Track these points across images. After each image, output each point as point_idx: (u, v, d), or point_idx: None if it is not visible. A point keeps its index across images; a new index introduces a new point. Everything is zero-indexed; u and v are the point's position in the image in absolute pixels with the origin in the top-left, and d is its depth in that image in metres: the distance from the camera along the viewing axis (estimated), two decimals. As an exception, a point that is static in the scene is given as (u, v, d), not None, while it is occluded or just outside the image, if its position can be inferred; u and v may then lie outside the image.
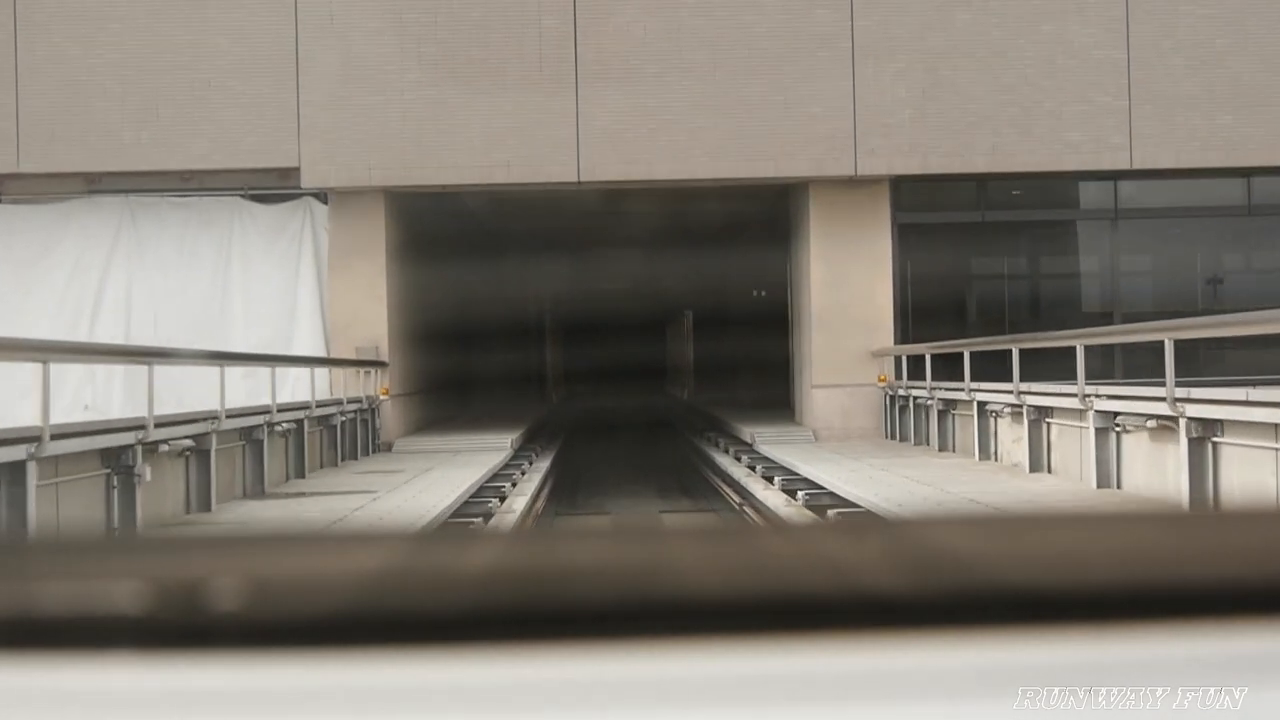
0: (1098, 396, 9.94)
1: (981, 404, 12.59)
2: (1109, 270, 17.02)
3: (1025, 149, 16.05)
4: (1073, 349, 10.13)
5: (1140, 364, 14.86)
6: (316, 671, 0.80)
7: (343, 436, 14.35)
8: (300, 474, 11.96)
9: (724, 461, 15.49)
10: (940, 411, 13.78)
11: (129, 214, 16.93)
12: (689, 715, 0.78)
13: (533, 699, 0.78)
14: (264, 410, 11.34)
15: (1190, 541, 0.89)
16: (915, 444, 14.79)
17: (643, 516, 12.55)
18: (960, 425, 13.39)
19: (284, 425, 11.71)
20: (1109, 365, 15.10)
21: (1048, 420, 11.32)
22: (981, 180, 17.16)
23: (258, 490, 10.89)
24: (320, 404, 13.36)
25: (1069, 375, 10.33)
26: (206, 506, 9.55)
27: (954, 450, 13.43)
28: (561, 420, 26.85)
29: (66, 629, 0.81)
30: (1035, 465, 11.31)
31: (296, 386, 16.02)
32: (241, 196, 17.11)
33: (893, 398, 16.26)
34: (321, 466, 12.98)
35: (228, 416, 10.10)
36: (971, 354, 12.97)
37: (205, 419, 9.76)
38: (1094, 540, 0.88)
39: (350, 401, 14.69)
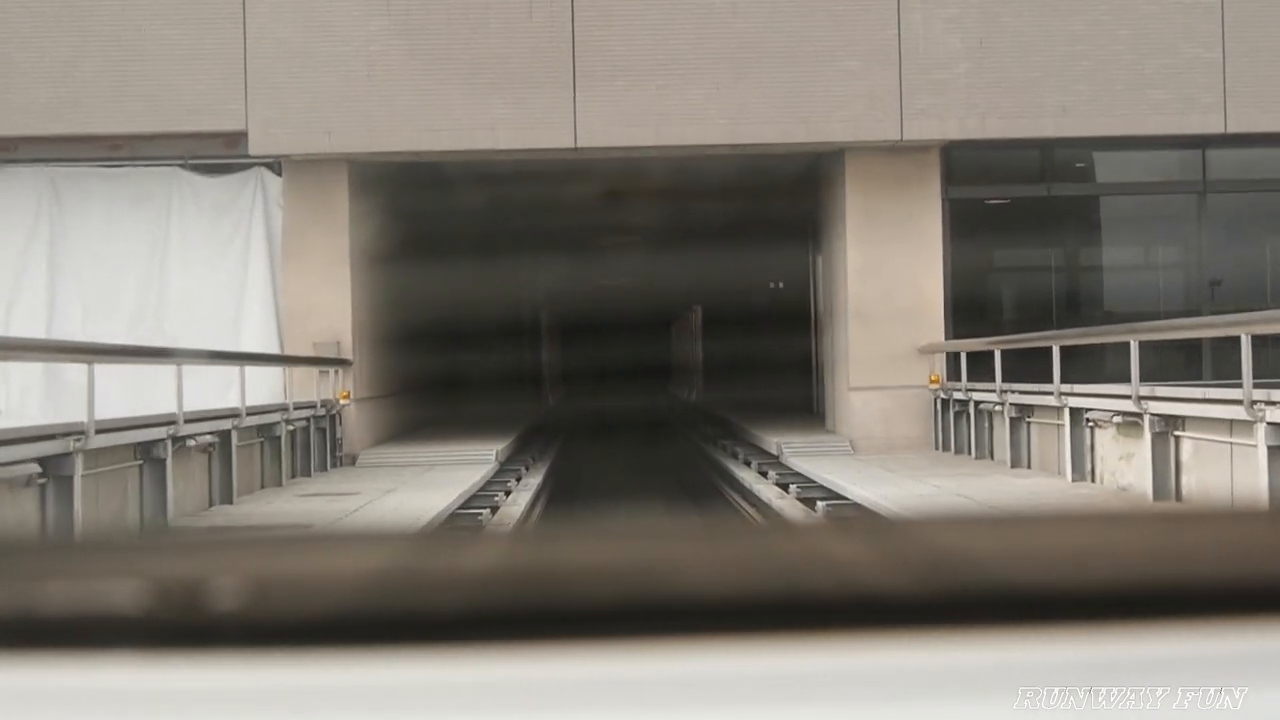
0: (1271, 403, 8.63)
1: (1075, 411, 12.01)
2: (1195, 255, 17.00)
3: (1100, 109, 16.32)
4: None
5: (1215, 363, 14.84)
6: (317, 671, 0.92)
7: (292, 449, 14.28)
8: (228, 498, 11.71)
9: (746, 478, 15.56)
10: (1013, 419, 13.57)
11: (50, 187, 17.05)
12: (689, 715, 0.90)
13: (533, 698, 0.90)
14: (166, 420, 10.46)
15: (1190, 541, 1.02)
16: (976, 457, 15.01)
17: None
18: (1040, 436, 13.28)
19: (199, 439, 11.08)
20: (1163, 364, 14.94)
21: (1176, 434, 10.39)
22: (1047, 147, 17.20)
23: (159, 524, 10.22)
24: (255, 411, 12.87)
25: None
26: (71, 548, 8.65)
27: (1030, 466, 13.31)
28: (558, 425, 27.47)
29: (67, 629, 0.93)
30: (1160, 491, 10.50)
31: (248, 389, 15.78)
32: (181, 167, 17.24)
33: (945, 401, 16.35)
34: (263, 486, 12.89)
35: (100, 432, 9.00)
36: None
37: (66, 434, 8.65)
38: (1094, 540, 1.01)
39: (300, 407, 14.53)
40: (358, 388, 17.11)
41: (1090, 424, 11.54)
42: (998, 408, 13.88)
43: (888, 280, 17.15)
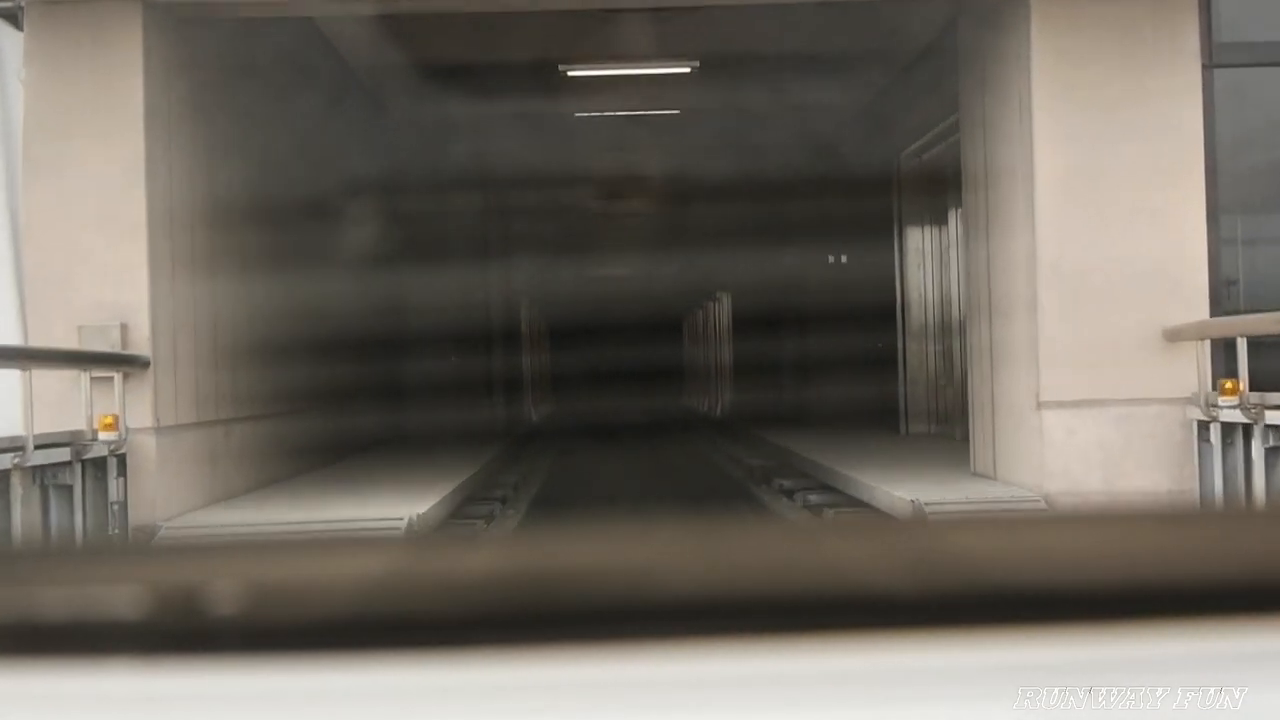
0: None
1: None
2: None
3: None
4: None
5: None
6: (317, 676, 1.05)
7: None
8: None
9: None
10: None
11: None
12: (690, 715, 1.03)
13: (533, 701, 1.04)
14: None
15: (1190, 541, 1.11)
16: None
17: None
18: None
19: None
20: None
21: None
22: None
23: None
24: None
25: None
26: None
27: None
28: (539, 450, 24.00)
29: (68, 635, 1.05)
30: None
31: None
32: None
33: (1227, 429, 11.78)
34: None
35: None
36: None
37: None
38: (1094, 540, 1.10)
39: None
40: (171, 405, 12.64)
41: None
42: None
43: (1107, 209, 12.16)
